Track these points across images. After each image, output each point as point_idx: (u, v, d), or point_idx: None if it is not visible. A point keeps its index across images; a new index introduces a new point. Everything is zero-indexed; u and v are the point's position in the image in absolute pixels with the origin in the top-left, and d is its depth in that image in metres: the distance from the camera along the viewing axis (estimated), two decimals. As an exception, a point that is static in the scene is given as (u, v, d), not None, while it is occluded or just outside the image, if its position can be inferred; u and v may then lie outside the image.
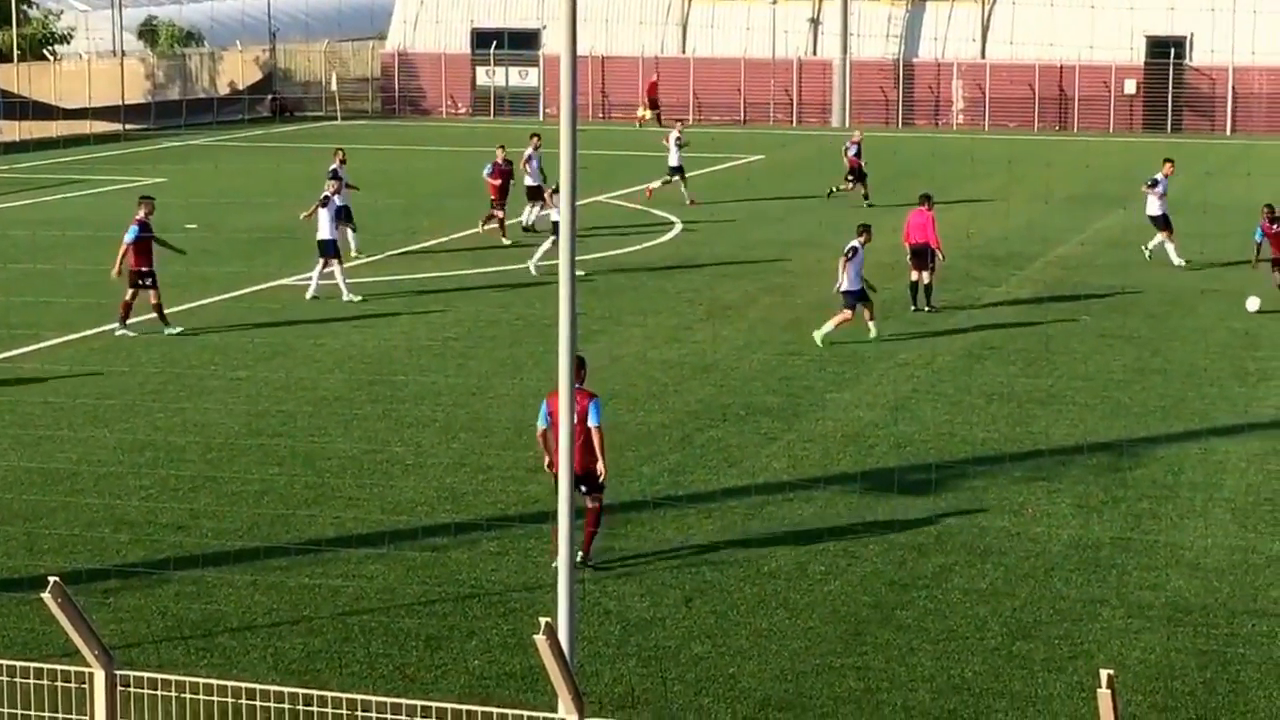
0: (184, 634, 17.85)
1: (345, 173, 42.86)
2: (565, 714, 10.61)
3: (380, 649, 17.54)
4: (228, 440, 25.17)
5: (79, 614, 10.96)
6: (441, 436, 25.47)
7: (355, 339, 32.45)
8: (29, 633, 17.70)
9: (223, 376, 29.25)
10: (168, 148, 72.29)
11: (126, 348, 31.56)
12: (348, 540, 20.63)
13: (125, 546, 20.61)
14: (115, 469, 23.77)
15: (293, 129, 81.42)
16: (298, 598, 18.92)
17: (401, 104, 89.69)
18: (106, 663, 11.13)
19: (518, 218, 46.25)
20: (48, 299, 35.02)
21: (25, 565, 19.83)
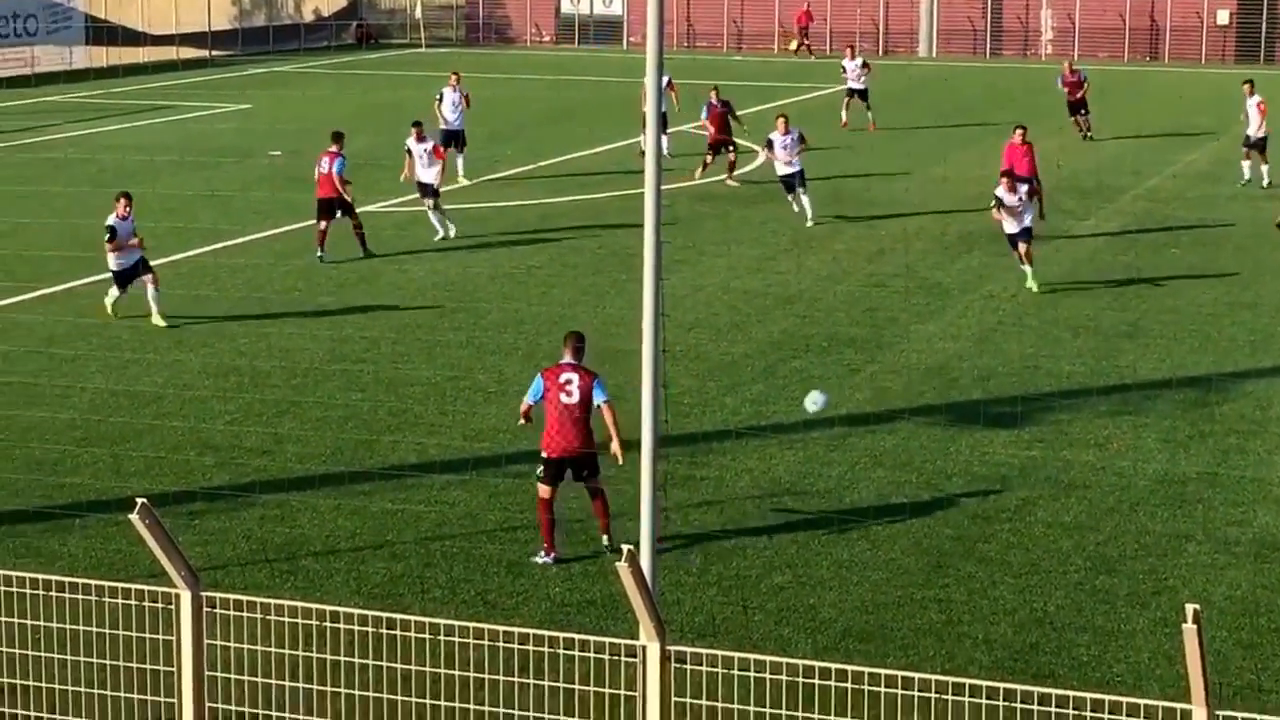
0: (268, 557, 17.98)
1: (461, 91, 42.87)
2: (646, 641, 10.62)
3: (462, 574, 17.62)
4: (312, 365, 25.28)
5: (166, 536, 11.03)
6: (524, 364, 25.46)
7: (439, 266, 32.49)
8: (116, 554, 17.88)
9: (307, 302, 29.37)
10: (253, 74, 72.41)
11: (211, 272, 31.72)
12: (430, 466, 20.69)
13: (210, 470, 20.76)
14: (201, 393, 23.93)
15: (377, 56, 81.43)
16: (380, 522, 19.02)
17: (486, 31, 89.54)
18: (193, 584, 11.21)
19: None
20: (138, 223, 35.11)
21: (112, 487, 20.01)
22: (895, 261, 33.02)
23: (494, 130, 52.52)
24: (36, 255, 32.79)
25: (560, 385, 18.19)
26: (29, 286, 30.52)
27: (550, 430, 18.16)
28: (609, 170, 44.16)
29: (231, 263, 32.68)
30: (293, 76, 71.67)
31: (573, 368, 18.41)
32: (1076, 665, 15.54)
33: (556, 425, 18.12)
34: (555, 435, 18.14)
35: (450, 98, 42.90)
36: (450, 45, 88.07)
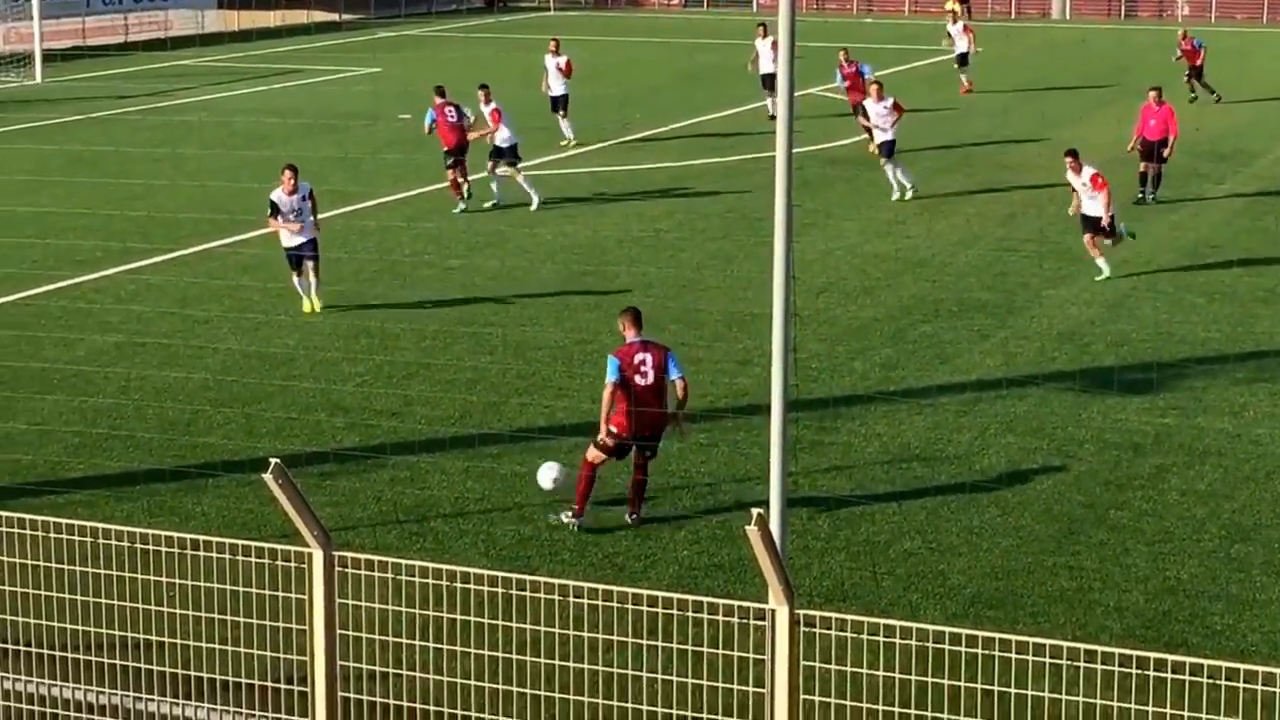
0: (398, 518, 18.11)
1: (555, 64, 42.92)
2: (775, 605, 10.58)
3: (590, 537, 17.65)
4: (441, 328, 25.41)
5: (299, 496, 11.11)
6: (652, 328, 25.35)
7: (568, 230, 32.55)
8: (248, 513, 18.07)
9: (437, 265, 29.51)
10: (383, 38, 72.78)
11: (342, 235, 31.91)
12: (558, 429, 20.73)
13: (341, 431, 20.92)
14: (331, 355, 24.11)
15: (507, 19, 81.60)
16: (509, 485, 19.09)
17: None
18: (325, 543, 11.28)
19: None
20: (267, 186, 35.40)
21: (244, 447, 20.21)
22: (1028, 226, 32.72)
23: (624, 93, 52.53)
24: (170, 218, 33.14)
25: (635, 366, 17.81)
26: (163, 249, 30.86)
27: (623, 412, 17.70)
28: (737, 133, 44.03)
29: (362, 225, 32.89)
30: (423, 40, 71.97)
31: (643, 346, 18.05)
32: (1210, 634, 15.36)
33: (629, 407, 17.66)
34: (629, 417, 17.70)
35: (551, 64, 42.99)
36: (579, 8, 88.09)
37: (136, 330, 25.44)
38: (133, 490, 19.01)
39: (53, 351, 24.31)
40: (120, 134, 44.95)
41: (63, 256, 30.13)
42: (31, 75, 57.97)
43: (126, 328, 25.58)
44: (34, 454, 20.16)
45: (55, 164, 39.75)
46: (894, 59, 59.63)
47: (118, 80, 56.62)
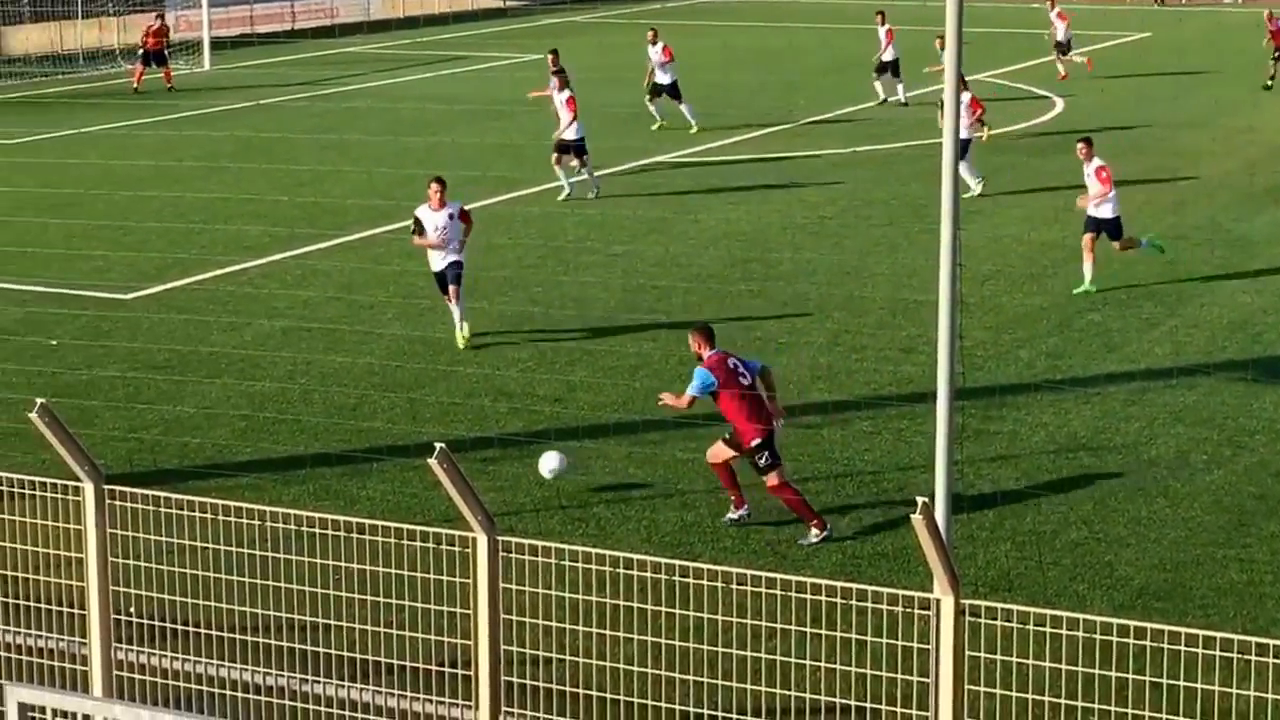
0: (561, 504, 18.15)
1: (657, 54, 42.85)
2: (940, 594, 10.49)
3: (753, 524, 17.59)
4: (604, 314, 25.45)
5: (464, 480, 11.16)
6: (815, 315, 25.38)
7: (731, 216, 32.47)
8: (412, 498, 18.20)
9: (600, 251, 29.56)
10: (549, 24, 73.03)
11: (506, 221, 32.07)
12: (720, 416, 20.60)
13: (504, 416, 21.01)
14: (494, 340, 24.22)
15: (672, 5, 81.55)
16: (671, 471, 19.08)
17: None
18: (489, 528, 11.32)
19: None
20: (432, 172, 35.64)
21: (408, 432, 20.36)
22: (1198, 214, 32.23)
23: (787, 80, 52.35)
24: (336, 203, 33.47)
25: (732, 372, 17.61)
26: (329, 234, 31.16)
27: (746, 419, 17.39)
28: (901, 119, 43.73)
29: (526, 211, 33.03)
30: (588, 26, 72.12)
31: (727, 354, 17.91)
32: (1386, 630, 15.04)
33: (749, 411, 17.45)
34: (753, 420, 17.42)
35: (654, 54, 42.87)
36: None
37: (303, 315, 25.70)
38: (299, 474, 19.22)
39: (220, 336, 24.62)
40: (288, 121, 45.45)
41: (231, 242, 30.51)
42: (200, 63, 58.77)
43: (293, 313, 25.85)
44: (202, 437, 20.43)
45: (224, 151, 40.27)
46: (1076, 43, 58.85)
47: (284, 67, 57.23)
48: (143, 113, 47.43)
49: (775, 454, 17.42)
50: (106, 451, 19.16)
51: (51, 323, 25.31)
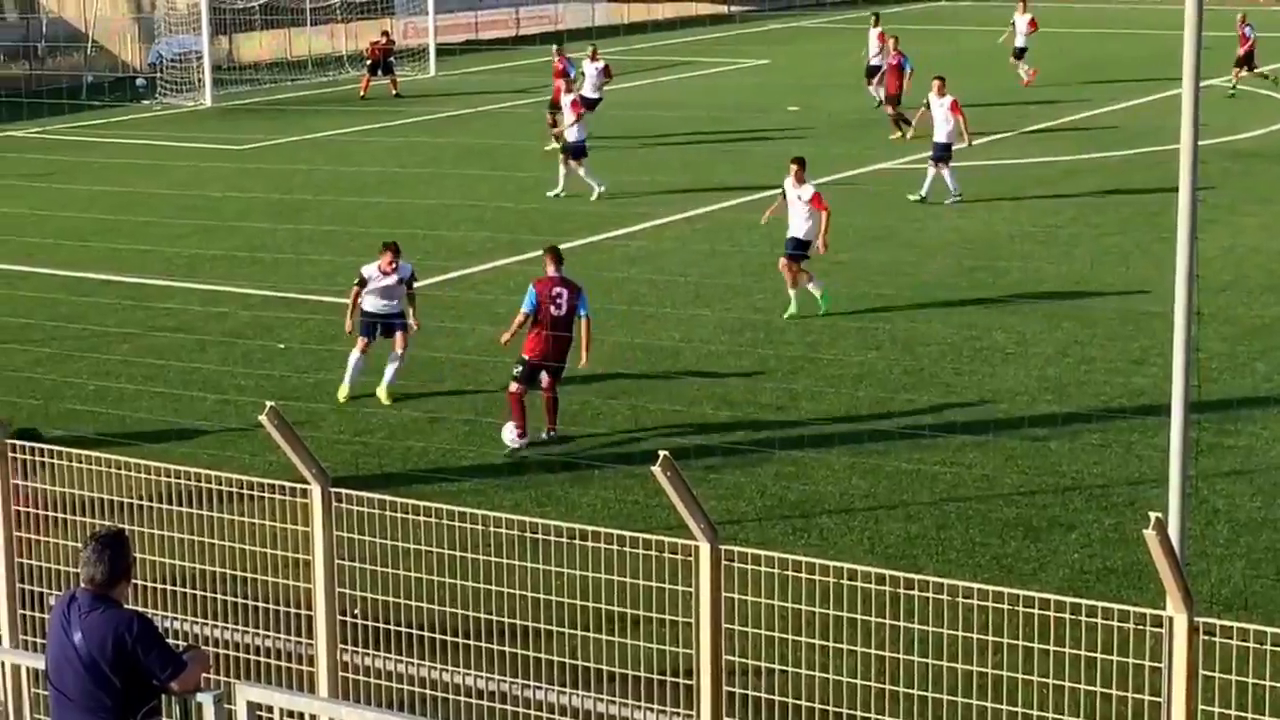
0: (783, 513, 18.01)
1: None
2: (1173, 612, 10.19)
3: (979, 537, 17.34)
4: (827, 323, 25.25)
5: (687, 489, 11.06)
6: (1044, 325, 24.96)
7: (959, 224, 32.09)
8: (633, 504, 18.15)
9: (824, 259, 29.25)
10: (774, 29, 72.88)
11: (728, 227, 31.97)
12: (946, 426, 20.41)
13: (726, 425, 20.89)
14: (716, 348, 24.13)
15: (899, 10, 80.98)
16: (895, 482, 18.85)
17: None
18: (711, 537, 11.21)
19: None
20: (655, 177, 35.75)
21: (631, 439, 20.33)
22: None
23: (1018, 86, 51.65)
24: (558, 210, 33.62)
25: (551, 298, 20.34)
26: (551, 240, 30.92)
27: (535, 337, 20.36)
28: (1136, 127, 42.97)
29: (748, 218, 32.83)
30: (814, 31, 71.87)
31: (561, 281, 20.62)
32: None
33: (540, 334, 20.31)
34: (539, 342, 20.34)
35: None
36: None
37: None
38: (521, 479, 19.27)
39: (444, 341, 24.78)
40: (511, 127, 45.76)
41: (455, 248, 30.74)
42: (425, 69, 59.45)
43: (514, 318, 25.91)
44: (426, 441, 20.58)
45: (448, 157, 40.61)
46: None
47: (508, 74, 57.67)
48: (369, 119, 48.06)
49: (527, 376, 20.38)
50: (332, 454, 19.36)
51: (280, 326, 25.67)
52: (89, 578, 10.01)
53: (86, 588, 10.03)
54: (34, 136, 46.77)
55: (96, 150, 43.77)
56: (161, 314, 26.67)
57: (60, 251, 30.63)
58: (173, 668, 10.00)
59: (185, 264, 29.98)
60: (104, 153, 43.18)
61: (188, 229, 32.00)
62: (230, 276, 28.64)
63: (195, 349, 24.72)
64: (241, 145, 43.67)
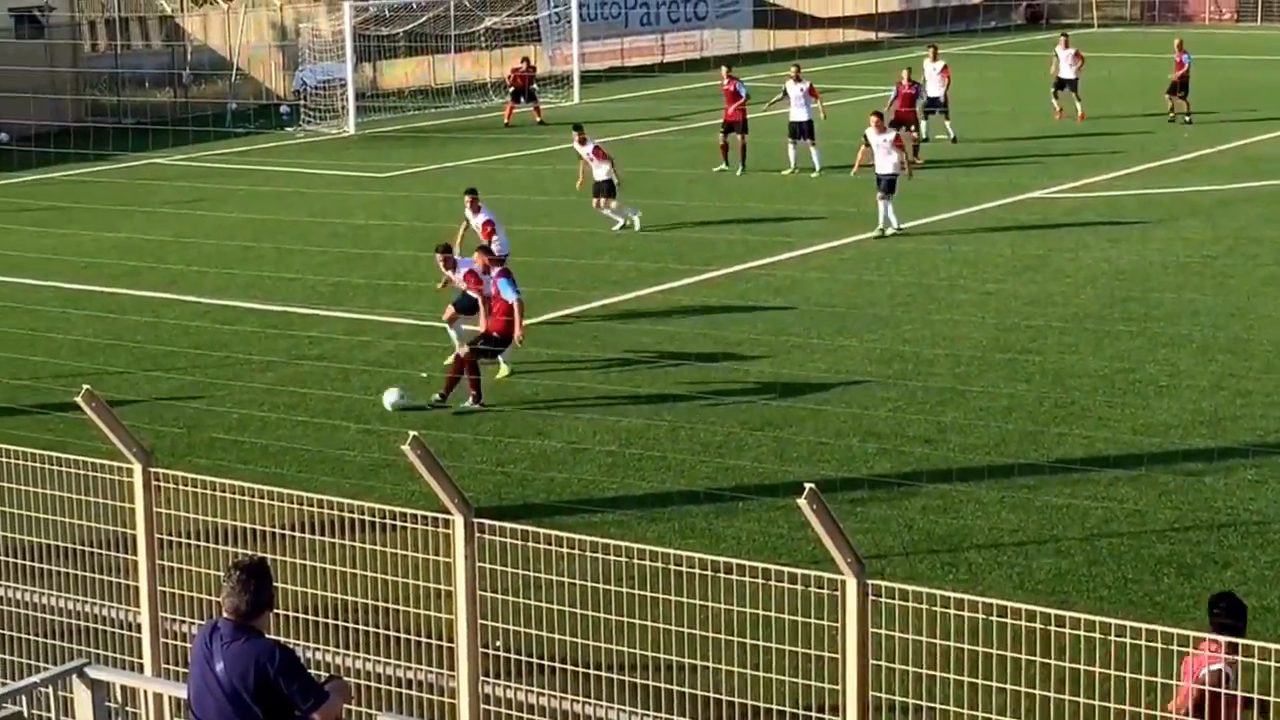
0: (931, 548, 17.70)
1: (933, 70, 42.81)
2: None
3: (1131, 574, 16.94)
4: (976, 354, 24.87)
5: (833, 521, 10.82)
6: (1198, 357, 24.45)
7: (1111, 254, 31.55)
8: (778, 537, 17.92)
9: (972, 289, 28.93)
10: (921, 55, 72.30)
11: (876, 258, 31.67)
12: (1098, 461, 20.01)
13: (873, 457, 20.61)
14: (863, 379, 23.84)
15: (1045, 37, 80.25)
16: (1045, 517, 18.49)
17: (1161, 9, 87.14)
18: (858, 571, 10.96)
19: None
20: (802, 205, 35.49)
21: (775, 471, 20.09)
22: None
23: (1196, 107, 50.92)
24: (703, 238, 33.44)
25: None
26: (696, 269, 31.09)
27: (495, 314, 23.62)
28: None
29: (897, 247, 32.57)
30: (963, 57, 71.23)
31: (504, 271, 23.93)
32: None
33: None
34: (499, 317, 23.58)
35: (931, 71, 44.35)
36: (1124, 24, 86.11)
37: (668, 350, 25.62)
38: (664, 511, 19.09)
39: (587, 371, 24.69)
40: (655, 155, 45.66)
41: (598, 277, 30.65)
42: (570, 96, 59.57)
43: (659, 348, 25.80)
44: (568, 472, 20.45)
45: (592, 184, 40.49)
46: None
47: (652, 101, 57.63)
48: (512, 146, 48.20)
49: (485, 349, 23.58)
50: (474, 484, 19.28)
51: (422, 355, 25.67)
52: (232, 608, 9.93)
53: (229, 617, 9.95)
54: (179, 164, 47.29)
55: (241, 177, 44.19)
56: (305, 342, 26.76)
57: (205, 279, 30.85)
58: (315, 698, 9.89)
59: (329, 292, 30.10)
60: (248, 180, 43.58)
61: (331, 256, 32.15)
62: (374, 305, 28.71)
63: (338, 377, 24.76)
64: (385, 173, 43.90)
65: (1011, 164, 41.97)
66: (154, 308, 29.51)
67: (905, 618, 11.27)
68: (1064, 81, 49.87)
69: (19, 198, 42.15)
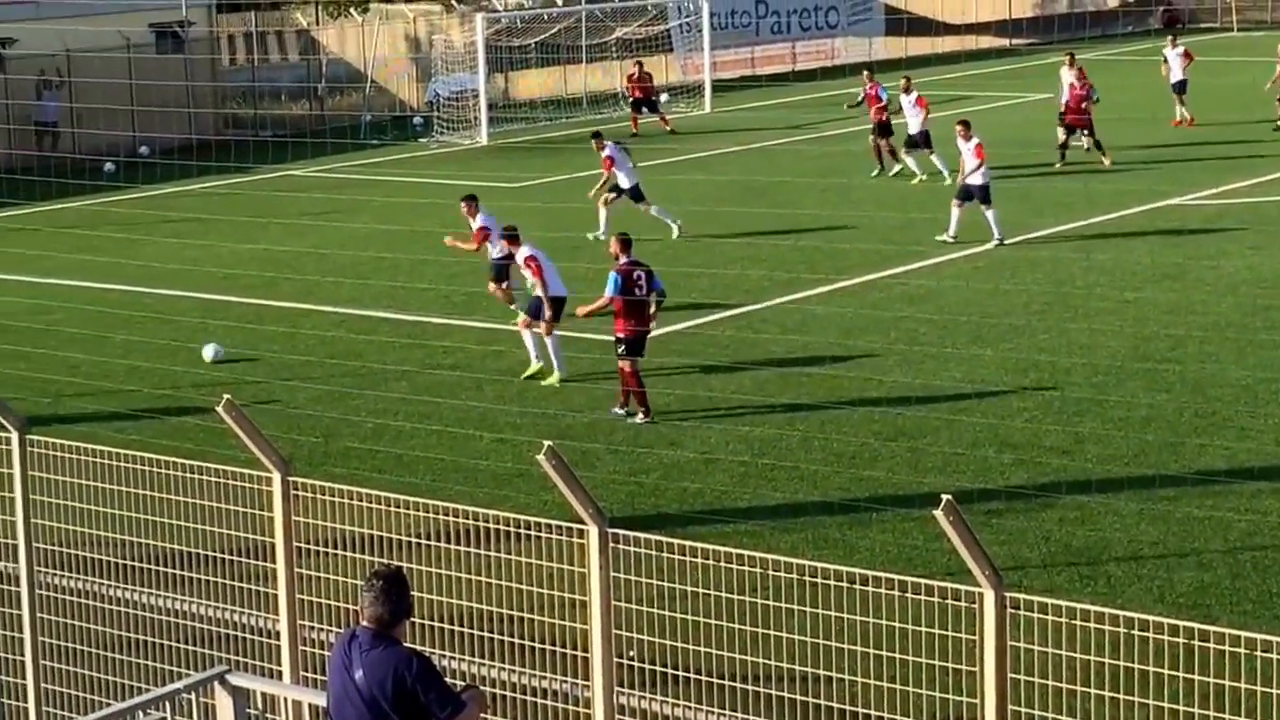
0: (1068, 560, 17.50)
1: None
2: None
3: (1276, 588, 16.69)
4: (1114, 364, 24.58)
5: (970, 533, 10.72)
6: (1346, 366, 24.05)
7: (1254, 261, 31.06)
8: (913, 549, 17.79)
9: (1110, 298, 28.60)
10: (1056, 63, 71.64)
11: (1011, 266, 31.40)
12: (1241, 472, 19.71)
13: (1008, 468, 20.42)
14: (998, 389, 23.63)
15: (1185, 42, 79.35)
16: (1186, 529, 18.24)
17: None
18: (995, 584, 10.85)
19: None
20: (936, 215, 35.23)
21: (910, 482, 19.96)
22: None
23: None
24: (835, 248, 33.31)
25: (634, 281, 23.17)
26: (828, 278, 30.97)
27: (624, 317, 22.93)
28: None
29: (1033, 255, 32.27)
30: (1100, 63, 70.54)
31: (635, 264, 23.41)
32: None
33: (628, 312, 22.91)
34: (629, 320, 22.95)
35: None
36: (1266, 28, 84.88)
37: (801, 360, 25.53)
38: (797, 521, 19.01)
39: (719, 380, 24.64)
40: (788, 164, 45.53)
41: (731, 286, 30.59)
42: (701, 105, 59.54)
43: (791, 358, 25.72)
44: (701, 482, 20.40)
45: (724, 194, 40.52)
46: None
47: (783, 110, 57.47)
48: (644, 156, 48.12)
49: (632, 349, 22.94)
50: (607, 494, 19.28)
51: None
52: (373, 616, 9.97)
53: (369, 625, 9.99)
54: (315, 175, 47.72)
55: (374, 188, 44.50)
56: (439, 352, 26.90)
57: (340, 289, 31.08)
58: (452, 707, 9.92)
59: (462, 302, 30.24)
60: (382, 191, 43.88)
61: (464, 267, 32.25)
62: (506, 314, 28.78)
63: (472, 387, 24.86)
64: (516, 183, 44.06)
65: (1150, 170, 41.46)
66: (291, 318, 29.78)
67: (1044, 631, 11.15)
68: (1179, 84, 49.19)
69: (160, 209, 42.68)
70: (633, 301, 23.08)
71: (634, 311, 23.07)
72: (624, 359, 23.02)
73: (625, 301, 23.04)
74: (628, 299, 23.06)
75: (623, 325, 23.04)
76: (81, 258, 35.24)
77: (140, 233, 38.95)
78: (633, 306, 23.07)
